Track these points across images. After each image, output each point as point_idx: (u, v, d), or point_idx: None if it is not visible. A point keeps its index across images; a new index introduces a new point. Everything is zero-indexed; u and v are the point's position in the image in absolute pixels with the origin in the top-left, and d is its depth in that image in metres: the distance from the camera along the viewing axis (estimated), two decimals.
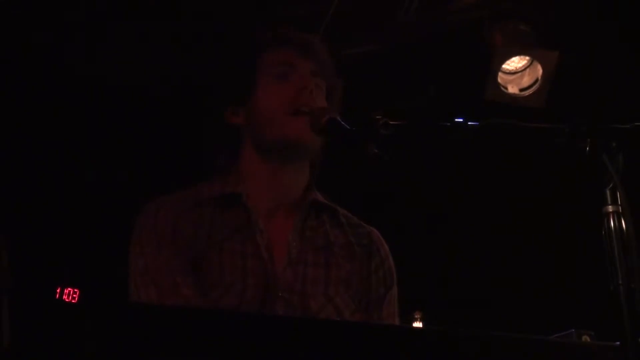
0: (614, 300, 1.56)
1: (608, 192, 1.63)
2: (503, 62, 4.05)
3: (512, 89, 4.11)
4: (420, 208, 4.90)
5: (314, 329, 1.47)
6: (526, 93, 4.12)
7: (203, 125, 2.35)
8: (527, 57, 4.09)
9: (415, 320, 4.54)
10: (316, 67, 2.25)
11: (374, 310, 2.26)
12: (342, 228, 2.29)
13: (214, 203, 2.20)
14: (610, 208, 1.62)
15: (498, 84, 4.08)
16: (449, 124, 1.83)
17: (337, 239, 2.27)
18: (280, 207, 2.23)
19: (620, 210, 1.61)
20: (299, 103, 2.16)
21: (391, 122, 1.87)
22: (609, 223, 1.61)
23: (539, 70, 4.07)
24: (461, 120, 1.82)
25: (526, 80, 4.13)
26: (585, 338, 1.77)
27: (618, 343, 1.55)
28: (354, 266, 2.25)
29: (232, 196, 2.20)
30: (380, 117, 1.88)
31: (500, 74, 4.07)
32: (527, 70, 4.13)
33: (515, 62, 4.12)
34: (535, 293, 4.85)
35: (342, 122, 2.14)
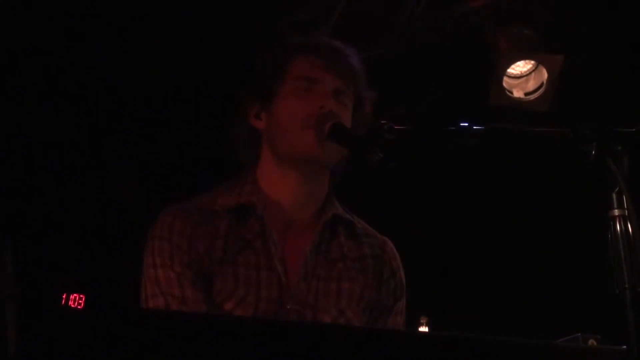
0: (620, 304, 1.56)
1: (614, 196, 1.63)
2: (508, 66, 4.05)
3: (518, 93, 4.11)
4: (426, 212, 4.89)
5: (320, 334, 1.47)
6: (531, 97, 4.11)
7: (228, 124, 2.33)
8: (532, 61, 4.09)
9: (421, 325, 4.54)
10: (342, 84, 2.22)
11: (380, 319, 2.26)
12: (357, 239, 2.29)
13: (230, 213, 2.19)
14: (616, 212, 1.62)
15: (503, 88, 4.07)
16: (453, 128, 1.83)
17: (351, 251, 2.26)
18: (297, 220, 2.23)
19: (626, 214, 1.61)
20: (314, 120, 2.14)
21: (396, 127, 1.87)
22: (615, 226, 1.61)
23: (544, 74, 4.07)
24: (466, 124, 1.82)
25: (531, 85, 4.13)
26: (592, 342, 1.77)
27: (624, 347, 1.54)
28: (366, 279, 2.25)
29: (248, 206, 2.20)
30: (384, 121, 1.88)
31: (505, 78, 4.07)
32: (532, 74, 4.12)
33: (520, 66, 4.11)
34: (541, 297, 4.85)
35: (347, 127, 2.15)
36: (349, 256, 2.25)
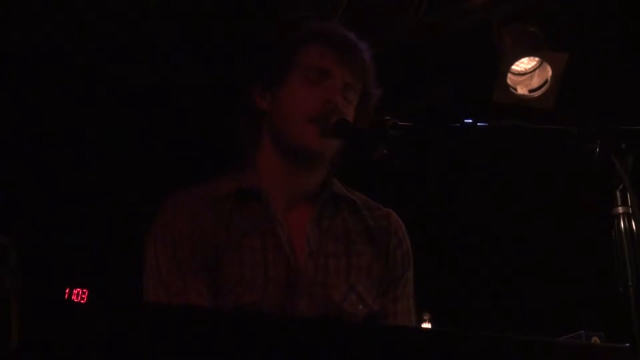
0: (623, 301, 1.56)
1: (618, 194, 1.63)
2: (512, 63, 4.04)
3: (522, 90, 4.10)
4: (429, 208, 4.89)
5: (322, 330, 1.47)
6: (535, 94, 4.11)
7: (232, 103, 2.32)
8: (537, 58, 4.08)
9: (424, 321, 4.54)
10: (352, 79, 2.20)
11: (390, 289, 2.26)
12: (360, 214, 2.28)
13: (232, 199, 2.18)
14: (620, 209, 1.62)
15: (507, 85, 4.07)
16: (458, 125, 1.83)
17: (356, 225, 2.26)
18: (297, 200, 2.22)
19: (630, 212, 1.61)
20: (319, 113, 2.13)
21: (400, 123, 1.87)
22: (619, 224, 1.61)
23: (548, 71, 4.06)
24: (470, 121, 1.82)
25: (535, 82, 4.12)
26: (595, 339, 1.77)
27: (628, 345, 1.54)
28: (374, 250, 2.25)
29: (250, 191, 2.19)
30: (389, 117, 1.88)
31: (509, 74, 4.06)
32: (537, 71, 4.11)
33: (524, 63, 4.11)
34: (545, 294, 4.84)
35: (351, 123, 2.15)
36: (355, 230, 2.25)
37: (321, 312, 2.12)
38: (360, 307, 2.18)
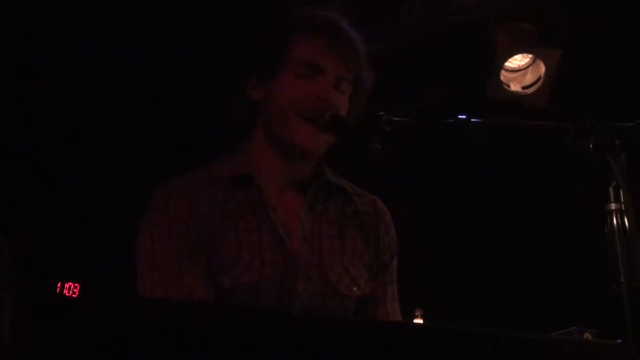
0: (616, 298, 1.56)
1: (611, 190, 1.63)
2: (505, 60, 4.05)
3: (515, 87, 4.11)
4: (422, 205, 4.90)
5: (317, 326, 1.47)
6: (528, 91, 4.12)
7: (225, 92, 2.33)
8: (530, 55, 4.09)
9: (416, 317, 4.54)
10: (345, 70, 2.20)
11: (379, 275, 2.30)
12: (350, 199, 2.31)
13: (226, 184, 2.19)
14: (613, 206, 1.62)
15: (500, 82, 4.07)
16: (452, 121, 1.83)
17: (347, 210, 2.29)
18: (289, 186, 2.24)
19: (623, 208, 1.61)
20: (313, 109, 2.13)
21: (394, 119, 1.87)
22: (612, 221, 1.61)
23: (541, 68, 4.07)
24: (464, 117, 1.82)
25: (529, 78, 4.13)
26: (587, 336, 1.78)
27: (620, 341, 1.55)
28: (364, 235, 2.29)
29: (243, 176, 2.20)
30: (383, 113, 1.88)
31: (502, 71, 4.07)
32: (530, 68, 4.12)
33: (517, 60, 4.11)
34: (537, 291, 4.85)
35: (344, 119, 2.15)
36: (346, 215, 2.28)
37: (318, 292, 2.16)
38: (354, 289, 2.22)
